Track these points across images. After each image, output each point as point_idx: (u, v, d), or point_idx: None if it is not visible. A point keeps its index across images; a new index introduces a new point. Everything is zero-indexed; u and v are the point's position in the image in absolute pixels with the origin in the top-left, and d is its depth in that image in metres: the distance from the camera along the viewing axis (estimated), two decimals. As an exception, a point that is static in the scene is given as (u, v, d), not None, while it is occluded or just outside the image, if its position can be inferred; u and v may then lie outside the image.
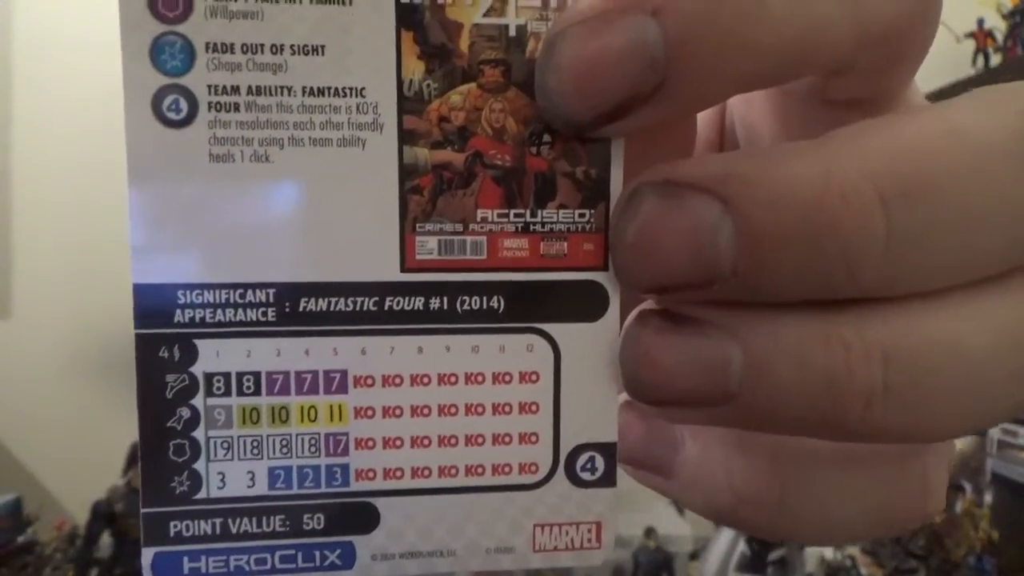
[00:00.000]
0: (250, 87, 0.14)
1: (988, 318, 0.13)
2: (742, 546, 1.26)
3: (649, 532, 1.24)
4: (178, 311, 0.14)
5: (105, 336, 1.43)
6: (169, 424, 0.15)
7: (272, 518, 0.15)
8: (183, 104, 0.14)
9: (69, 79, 1.43)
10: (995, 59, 1.33)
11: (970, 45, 1.33)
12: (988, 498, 1.20)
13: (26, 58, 1.44)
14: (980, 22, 1.33)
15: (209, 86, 0.14)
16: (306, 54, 0.14)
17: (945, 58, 1.30)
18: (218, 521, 0.15)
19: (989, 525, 1.15)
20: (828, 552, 1.22)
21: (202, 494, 0.15)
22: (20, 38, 1.44)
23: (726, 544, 1.28)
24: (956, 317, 0.13)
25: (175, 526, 0.15)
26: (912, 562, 1.19)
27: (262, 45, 0.14)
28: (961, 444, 1.19)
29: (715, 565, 1.27)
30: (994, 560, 1.12)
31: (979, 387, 0.13)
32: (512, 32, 0.14)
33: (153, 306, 0.14)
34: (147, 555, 0.15)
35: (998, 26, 1.33)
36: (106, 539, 1.16)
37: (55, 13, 1.43)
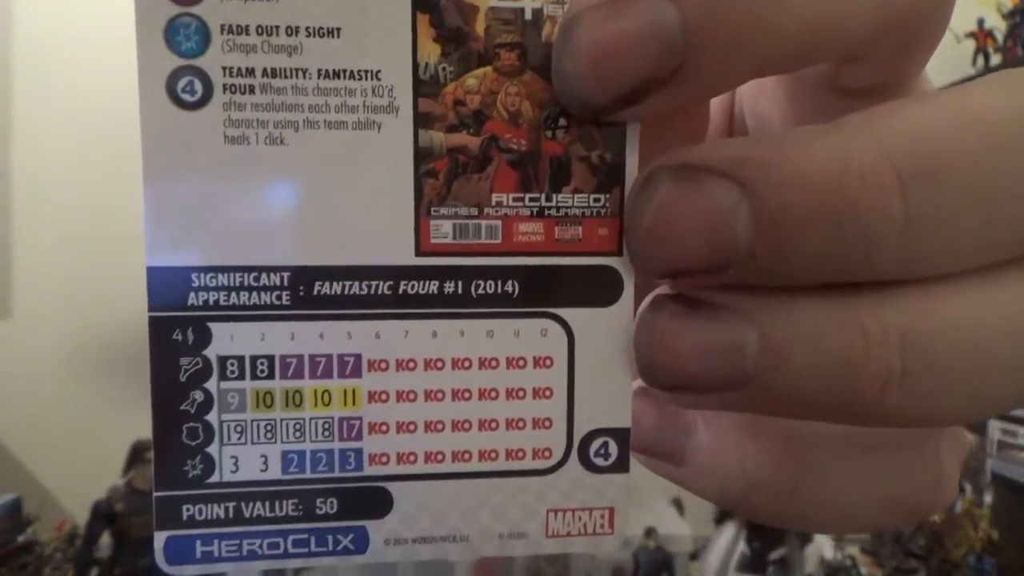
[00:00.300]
0: (265, 69, 0.14)
1: (1006, 302, 0.13)
2: (742, 546, 1.26)
3: (649, 532, 1.23)
4: (192, 294, 0.14)
5: (105, 336, 1.43)
6: (183, 407, 0.15)
7: (285, 502, 0.15)
8: (198, 86, 0.14)
9: (69, 79, 1.43)
10: (995, 59, 1.33)
11: (970, 45, 1.34)
12: (988, 498, 1.20)
13: (26, 59, 1.44)
14: (980, 22, 1.33)
15: (224, 68, 0.14)
16: (321, 36, 0.14)
17: (945, 58, 1.30)
18: (231, 505, 0.15)
19: (989, 525, 1.15)
20: (828, 552, 1.22)
21: (215, 478, 0.15)
22: (21, 39, 1.44)
23: (726, 544, 1.28)
24: (973, 301, 0.13)
25: (188, 510, 0.15)
26: (912, 562, 1.19)
27: (277, 27, 0.14)
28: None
29: (715, 565, 1.27)
30: (994, 560, 1.12)
31: (996, 371, 0.13)
32: (528, 15, 0.14)
33: (167, 289, 0.14)
34: (159, 538, 0.15)
35: (998, 26, 1.33)
36: (106, 539, 1.16)
37: (56, 11, 1.43)
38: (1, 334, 1.44)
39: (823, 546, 1.22)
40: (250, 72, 0.14)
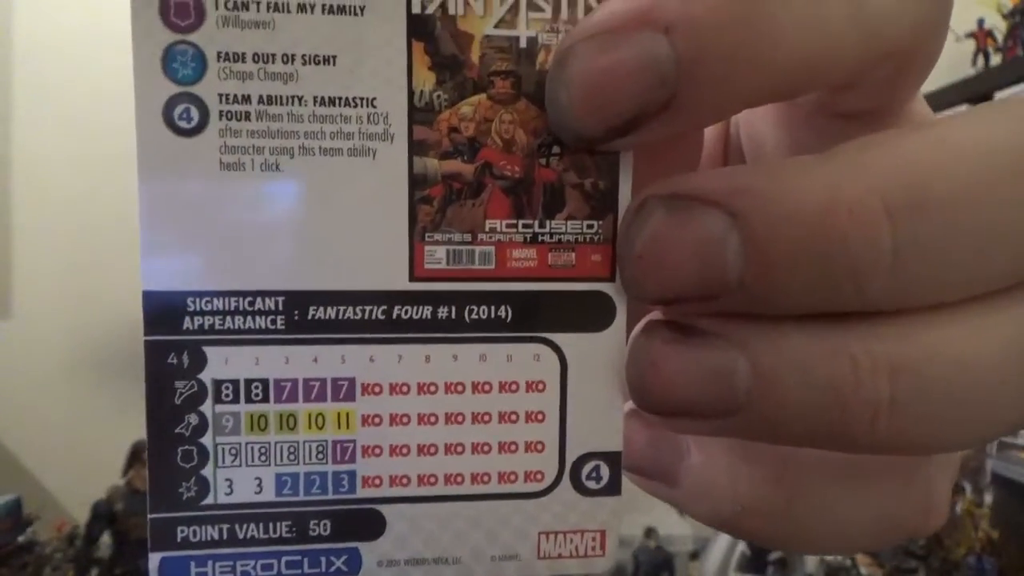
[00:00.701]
0: (261, 96, 0.14)
1: (994, 332, 0.13)
2: (742, 546, 1.26)
3: (649, 532, 1.24)
4: (187, 318, 0.15)
5: (105, 336, 1.43)
6: (177, 430, 0.15)
7: (279, 524, 0.15)
8: (194, 113, 0.14)
9: (69, 79, 1.43)
10: (995, 59, 1.33)
11: (970, 45, 1.34)
12: (988, 498, 1.20)
13: (26, 58, 1.44)
14: (980, 22, 1.33)
15: (220, 95, 0.14)
16: (317, 64, 0.14)
17: (945, 58, 1.29)
18: (225, 527, 0.15)
19: (989, 525, 1.15)
20: (828, 552, 1.22)
21: (209, 500, 0.15)
22: (21, 39, 1.44)
23: (726, 544, 1.28)
24: (963, 331, 0.13)
25: (182, 531, 0.15)
26: (912, 562, 1.19)
27: (274, 55, 0.14)
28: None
29: (715, 565, 1.27)
30: (994, 560, 1.12)
31: (985, 400, 0.13)
32: (523, 44, 0.15)
33: (162, 313, 0.14)
34: (154, 559, 0.15)
35: (998, 26, 1.33)
36: (106, 539, 1.16)
37: (56, 12, 1.43)
38: (1, 334, 1.45)
39: (822, 546, 1.22)
40: (246, 99, 0.14)
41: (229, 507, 0.15)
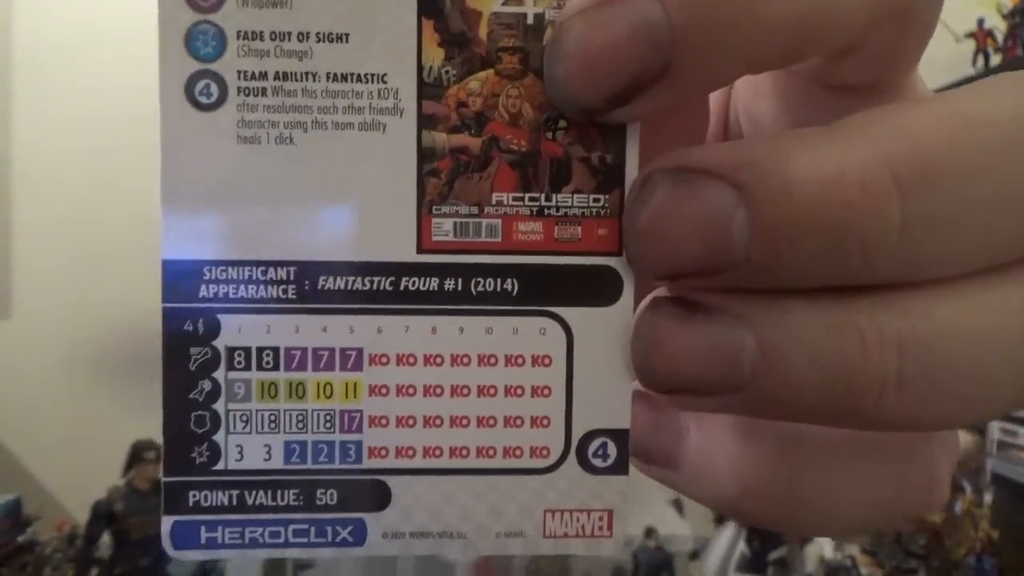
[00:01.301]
0: (277, 73, 0.15)
1: (1002, 306, 0.13)
2: (742, 546, 1.26)
3: (649, 532, 1.24)
4: (203, 286, 0.15)
5: (105, 336, 1.43)
6: (191, 396, 0.15)
7: (287, 492, 0.16)
8: (214, 89, 0.15)
9: (70, 79, 1.43)
10: (995, 59, 1.33)
11: (970, 45, 1.34)
12: (988, 498, 1.20)
13: (26, 58, 1.44)
14: (980, 22, 1.33)
15: (239, 71, 0.15)
16: (331, 41, 0.15)
17: (945, 58, 1.30)
18: (235, 493, 0.15)
19: (989, 525, 1.14)
20: (828, 552, 1.22)
21: (220, 465, 0.15)
22: (21, 39, 1.44)
23: (726, 544, 1.28)
24: (970, 305, 0.13)
25: (194, 496, 0.15)
26: (912, 562, 1.19)
27: (289, 33, 0.15)
28: (961, 444, 1.19)
29: (715, 565, 1.27)
30: (994, 560, 1.12)
31: (993, 375, 0.13)
32: (530, 20, 0.15)
33: (180, 281, 0.15)
34: (166, 523, 0.15)
35: (998, 26, 1.33)
36: (106, 539, 1.16)
37: (56, 12, 1.43)
38: (1, 334, 1.45)
39: (823, 546, 1.22)
40: (263, 76, 0.15)
41: (239, 473, 0.15)
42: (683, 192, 0.13)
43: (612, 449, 0.16)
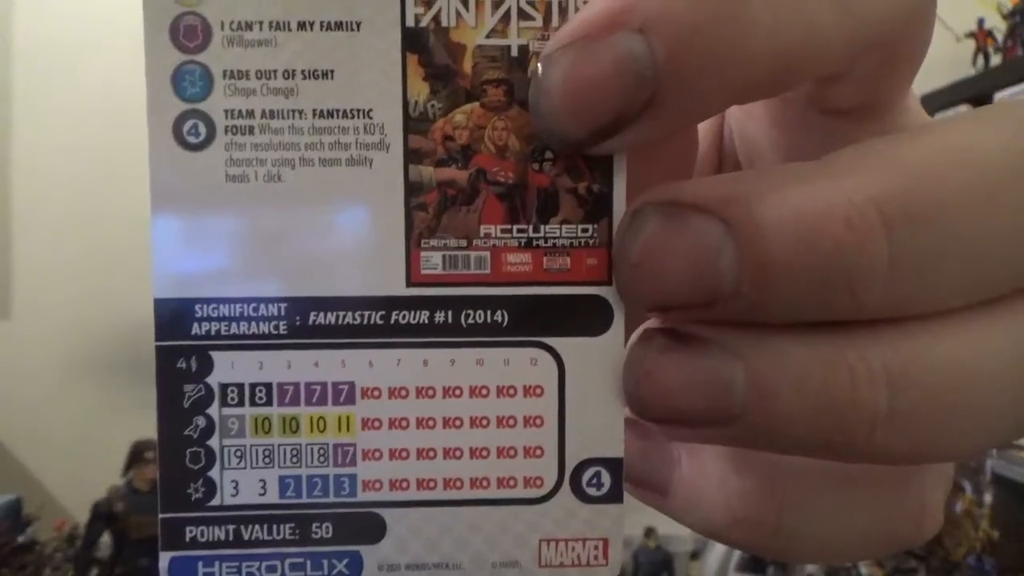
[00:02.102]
0: (264, 111, 0.15)
1: (992, 341, 0.13)
2: (742, 546, 1.26)
3: (649, 532, 1.24)
4: (195, 324, 0.15)
5: (105, 336, 1.43)
6: (186, 432, 0.15)
7: (282, 526, 0.16)
8: (202, 128, 0.15)
9: (70, 80, 1.43)
10: (995, 59, 1.33)
11: (970, 45, 1.34)
12: (988, 498, 1.20)
13: (26, 58, 1.44)
14: (980, 22, 1.33)
15: (226, 111, 0.15)
16: (316, 78, 0.15)
17: (945, 58, 1.30)
18: (231, 528, 0.16)
19: (989, 525, 1.15)
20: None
21: (216, 501, 0.15)
22: (21, 39, 1.44)
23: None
24: (961, 340, 0.13)
25: (191, 531, 0.15)
26: (912, 562, 1.19)
27: (275, 71, 0.15)
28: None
29: (715, 565, 1.27)
30: (994, 560, 1.12)
31: (983, 409, 0.13)
32: (514, 52, 0.15)
33: (172, 319, 0.15)
34: (164, 559, 0.15)
35: (998, 26, 1.33)
36: (106, 539, 1.16)
37: (56, 12, 1.43)
38: (1, 334, 1.45)
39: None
40: (250, 114, 0.15)
41: (235, 508, 0.16)
42: (673, 226, 0.13)
43: (606, 478, 0.16)
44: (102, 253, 1.44)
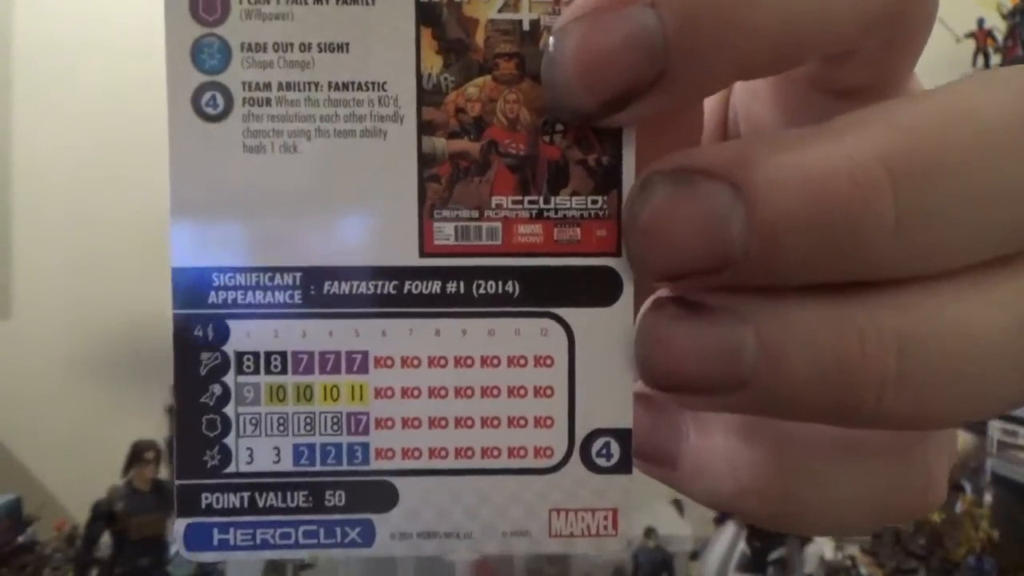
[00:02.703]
0: (280, 83, 0.15)
1: (999, 301, 0.13)
2: (742, 546, 1.26)
3: (649, 532, 1.24)
4: (212, 293, 0.15)
5: (105, 336, 1.43)
6: (202, 400, 0.16)
7: (296, 494, 0.16)
8: (220, 100, 0.15)
9: (70, 80, 1.43)
10: (995, 59, 1.34)
11: (970, 45, 1.34)
12: (988, 498, 1.20)
13: (26, 58, 1.44)
14: (980, 22, 1.33)
15: (244, 83, 0.15)
16: (332, 51, 0.15)
17: (945, 58, 1.30)
18: (246, 495, 0.16)
19: (989, 525, 1.15)
20: (828, 552, 1.22)
21: (231, 468, 0.16)
22: (21, 39, 1.44)
23: (726, 544, 1.28)
24: (969, 302, 0.13)
25: (206, 498, 0.16)
26: (912, 562, 1.19)
27: (292, 44, 0.15)
28: (961, 444, 1.19)
29: (715, 565, 1.27)
30: (994, 560, 1.12)
31: (992, 371, 0.13)
32: (526, 26, 0.15)
33: (190, 288, 0.15)
34: (180, 525, 0.16)
35: (998, 26, 1.34)
36: (106, 539, 1.16)
37: (56, 12, 1.43)
38: (1, 334, 1.45)
39: (823, 547, 1.22)
40: (267, 86, 0.15)
41: (250, 475, 0.16)
42: (681, 193, 0.13)
43: (615, 448, 0.16)
44: (102, 253, 1.44)
